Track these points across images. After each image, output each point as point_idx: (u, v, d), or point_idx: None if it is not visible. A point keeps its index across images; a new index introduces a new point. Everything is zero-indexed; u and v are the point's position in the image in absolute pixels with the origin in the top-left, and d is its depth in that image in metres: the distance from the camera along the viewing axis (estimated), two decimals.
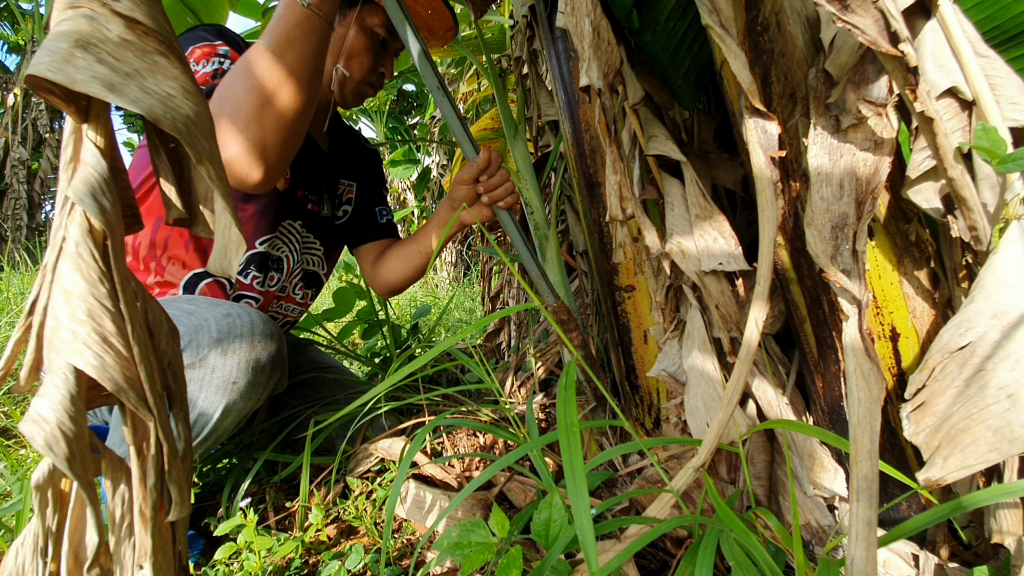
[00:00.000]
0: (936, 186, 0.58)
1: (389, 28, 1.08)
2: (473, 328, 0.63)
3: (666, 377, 0.85)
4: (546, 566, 0.53)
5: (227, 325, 0.88)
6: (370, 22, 1.06)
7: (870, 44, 0.52)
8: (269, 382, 0.93)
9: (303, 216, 1.19)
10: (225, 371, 0.85)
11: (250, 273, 1.12)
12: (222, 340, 0.86)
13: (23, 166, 7.59)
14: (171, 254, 1.07)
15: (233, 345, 0.87)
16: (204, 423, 0.86)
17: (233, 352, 0.86)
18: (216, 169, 0.41)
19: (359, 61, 1.08)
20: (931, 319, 0.65)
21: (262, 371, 0.90)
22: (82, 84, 0.34)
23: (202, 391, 0.85)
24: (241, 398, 0.87)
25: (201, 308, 0.91)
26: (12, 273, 3.29)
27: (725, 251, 0.75)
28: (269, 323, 0.94)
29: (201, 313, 0.90)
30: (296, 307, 1.26)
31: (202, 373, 0.85)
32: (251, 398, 0.90)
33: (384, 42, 1.10)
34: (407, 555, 0.87)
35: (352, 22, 1.05)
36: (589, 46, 0.79)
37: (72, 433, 0.33)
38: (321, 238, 1.26)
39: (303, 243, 1.21)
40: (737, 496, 0.71)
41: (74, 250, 0.37)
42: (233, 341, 0.87)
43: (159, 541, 0.40)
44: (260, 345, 0.89)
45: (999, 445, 0.49)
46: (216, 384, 0.85)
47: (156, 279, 1.06)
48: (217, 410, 0.85)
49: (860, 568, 0.45)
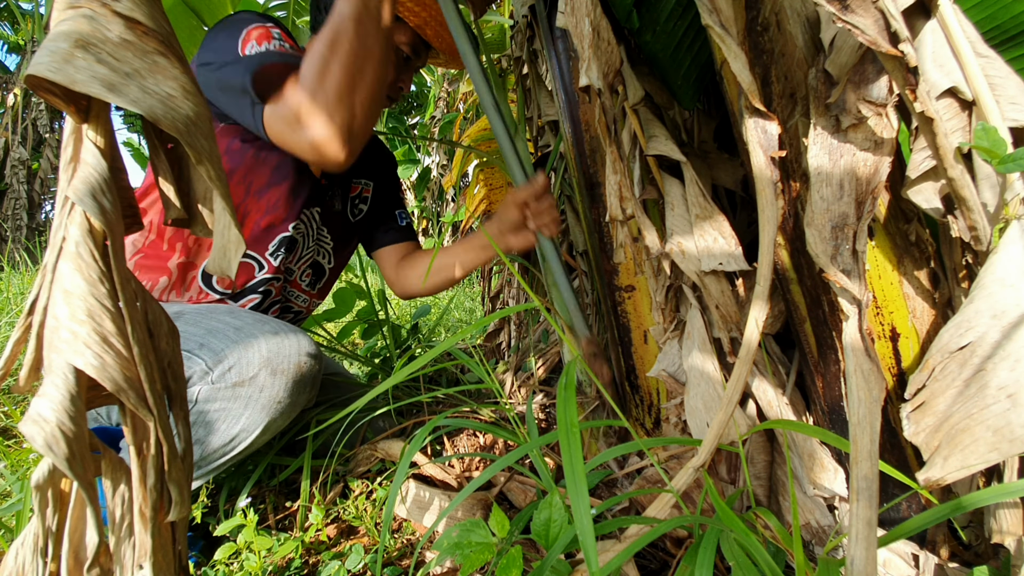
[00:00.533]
0: (936, 186, 0.58)
1: (414, 47, 1.12)
2: (473, 328, 0.63)
3: (666, 377, 0.85)
4: (546, 566, 0.53)
5: (276, 345, 0.90)
6: (398, 39, 1.09)
7: (870, 44, 0.52)
8: (308, 400, 0.96)
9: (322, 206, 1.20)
10: (273, 391, 0.88)
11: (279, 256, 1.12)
12: (271, 360, 0.88)
13: (23, 166, 7.59)
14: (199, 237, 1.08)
15: (282, 366, 0.89)
16: (243, 438, 0.88)
17: (282, 373, 0.89)
18: (215, 169, 0.41)
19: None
20: (931, 319, 0.65)
21: (303, 390, 0.92)
22: (82, 84, 0.34)
23: (248, 408, 0.87)
24: (281, 416, 0.90)
25: (248, 324, 0.93)
26: (12, 273, 3.29)
27: (725, 251, 0.75)
28: (312, 343, 0.96)
29: (249, 330, 0.92)
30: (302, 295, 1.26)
31: (250, 391, 0.87)
32: (290, 416, 0.92)
33: (407, 59, 1.14)
34: (407, 555, 0.87)
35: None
36: (589, 46, 0.79)
37: (72, 433, 0.33)
38: (333, 232, 1.26)
39: (317, 233, 1.22)
40: (737, 496, 0.71)
41: (74, 250, 0.37)
42: (282, 362, 0.89)
43: (159, 541, 0.40)
44: (306, 366, 0.92)
45: (999, 445, 0.49)
46: (263, 403, 0.87)
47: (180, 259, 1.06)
48: (260, 427, 0.88)
49: (860, 568, 0.45)
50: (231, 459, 0.89)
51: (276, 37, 0.94)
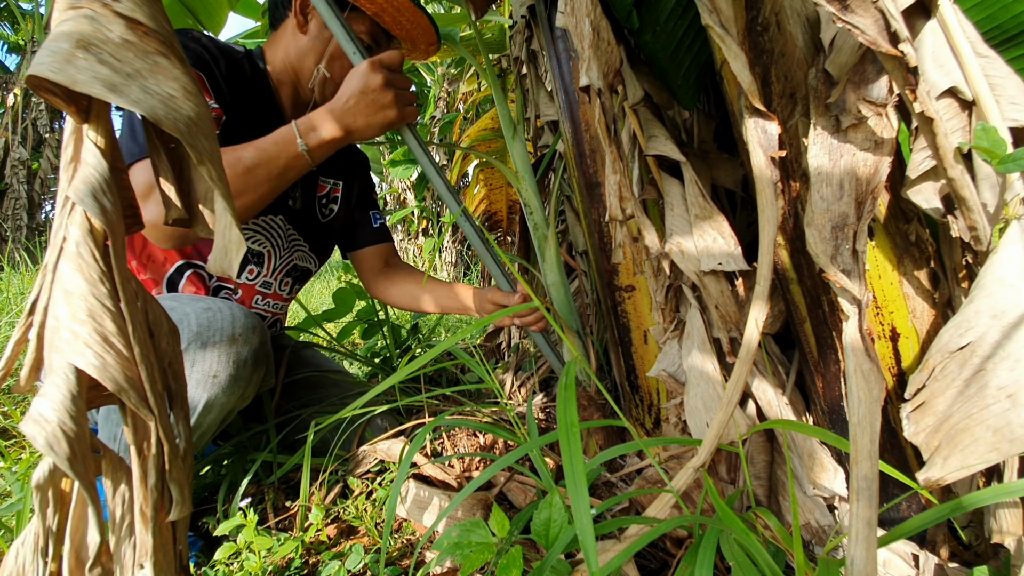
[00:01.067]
0: (936, 186, 0.58)
1: (374, 35, 1.10)
2: (473, 328, 0.63)
3: (666, 377, 0.85)
4: (546, 566, 0.53)
5: (207, 319, 0.88)
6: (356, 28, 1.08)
7: (870, 44, 0.52)
8: (253, 377, 0.93)
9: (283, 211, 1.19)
10: (205, 365, 0.85)
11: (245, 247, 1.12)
12: (202, 334, 0.86)
13: (23, 166, 7.59)
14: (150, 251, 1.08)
15: (213, 339, 0.86)
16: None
17: (213, 346, 0.86)
18: (217, 170, 0.41)
19: (340, 64, 1.10)
20: (931, 319, 0.65)
21: (244, 365, 0.90)
22: (83, 85, 0.34)
23: None
24: (223, 392, 0.87)
25: (182, 304, 0.92)
26: (12, 273, 3.29)
27: (724, 251, 0.75)
28: (251, 317, 0.93)
29: (181, 308, 0.90)
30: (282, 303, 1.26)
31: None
32: (234, 393, 0.89)
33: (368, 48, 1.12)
34: (407, 555, 0.87)
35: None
36: (589, 46, 0.79)
37: (73, 433, 0.33)
38: (305, 235, 1.26)
39: (288, 239, 1.21)
40: (737, 496, 0.71)
41: (75, 250, 0.37)
42: (213, 335, 0.87)
43: (160, 540, 0.40)
44: (241, 339, 0.89)
45: (999, 445, 0.49)
46: (196, 378, 0.85)
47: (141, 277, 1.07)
48: (199, 404, 0.85)
49: (860, 568, 0.45)
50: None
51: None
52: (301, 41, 1.10)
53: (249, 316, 0.93)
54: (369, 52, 1.14)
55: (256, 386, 0.96)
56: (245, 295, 1.16)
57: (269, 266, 1.18)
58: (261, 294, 1.19)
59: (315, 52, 1.09)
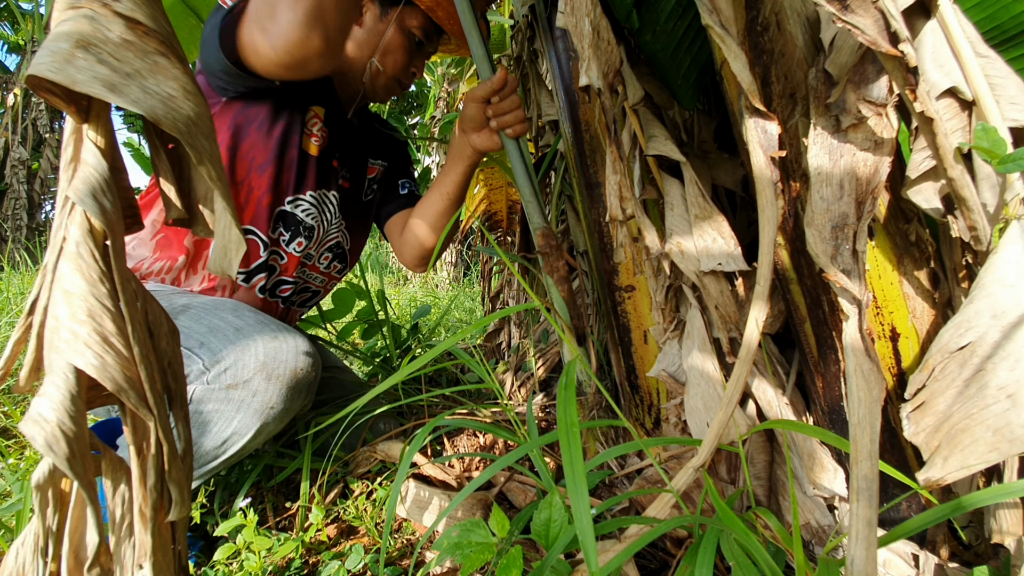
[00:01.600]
0: (936, 186, 0.58)
1: (426, 31, 1.11)
2: (473, 328, 0.63)
3: (666, 377, 0.85)
4: (546, 566, 0.53)
5: (274, 349, 0.90)
6: (409, 23, 1.09)
7: (870, 44, 0.52)
8: (302, 405, 0.95)
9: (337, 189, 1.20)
10: (266, 396, 0.87)
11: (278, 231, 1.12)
12: (268, 364, 0.88)
13: (23, 166, 7.59)
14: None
15: (278, 371, 0.88)
16: (235, 441, 0.87)
17: (277, 379, 0.88)
18: (216, 169, 0.41)
19: (394, 58, 1.11)
20: (931, 319, 0.65)
21: (297, 397, 0.92)
22: (83, 84, 0.34)
23: (240, 412, 0.86)
24: (274, 421, 0.89)
25: (249, 325, 0.93)
26: (12, 273, 3.29)
27: (724, 251, 0.75)
28: (311, 349, 0.95)
29: (249, 332, 0.91)
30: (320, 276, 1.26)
31: (243, 395, 0.86)
32: (283, 421, 0.92)
33: (420, 44, 1.14)
34: (407, 555, 0.87)
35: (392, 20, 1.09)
36: (589, 46, 0.79)
37: (72, 433, 0.33)
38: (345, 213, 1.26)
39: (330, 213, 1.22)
40: (737, 496, 0.71)
41: (74, 250, 0.37)
42: (278, 367, 0.89)
43: (159, 541, 0.40)
44: (302, 372, 0.91)
45: (999, 445, 0.49)
46: (255, 408, 0.87)
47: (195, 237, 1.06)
48: (251, 431, 0.87)
49: (860, 568, 0.45)
50: (223, 462, 0.89)
51: None
52: (355, 33, 1.10)
53: (311, 348, 0.95)
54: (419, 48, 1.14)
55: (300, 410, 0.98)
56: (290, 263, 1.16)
57: (316, 239, 1.18)
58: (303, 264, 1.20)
59: (369, 45, 1.10)
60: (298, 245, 1.15)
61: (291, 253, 1.15)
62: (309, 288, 1.27)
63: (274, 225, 1.11)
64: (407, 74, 1.17)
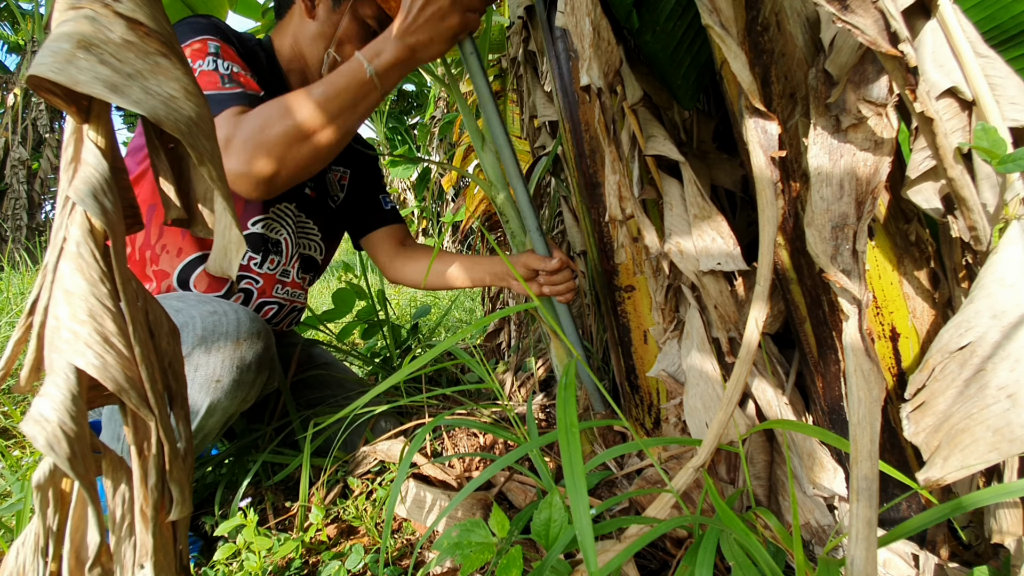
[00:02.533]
0: (936, 186, 0.58)
1: (380, 20, 1.11)
2: (473, 328, 0.63)
3: (666, 377, 0.85)
4: (546, 566, 0.53)
5: (212, 323, 0.88)
6: (363, 12, 1.09)
7: (870, 44, 0.52)
8: (256, 381, 0.93)
9: (297, 199, 1.19)
10: (208, 369, 0.85)
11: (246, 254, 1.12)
12: (207, 338, 0.86)
13: (23, 166, 7.59)
14: (165, 241, 1.07)
15: (218, 343, 0.86)
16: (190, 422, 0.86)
17: (217, 350, 0.86)
18: (217, 170, 0.41)
19: (350, 48, 1.11)
20: (931, 319, 0.65)
21: (248, 369, 0.89)
22: (85, 85, 0.34)
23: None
24: (226, 396, 0.87)
25: (189, 305, 0.91)
26: (12, 273, 3.29)
27: (723, 251, 0.75)
28: (257, 321, 0.93)
29: (188, 311, 0.89)
30: (301, 292, 1.26)
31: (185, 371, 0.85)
32: (236, 397, 0.89)
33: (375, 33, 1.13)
34: (407, 555, 0.87)
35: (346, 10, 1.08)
36: (589, 46, 0.79)
37: (73, 433, 0.33)
38: (319, 223, 1.26)
39: (298, 225, 1.21)
40: (737, 496, 0.71)
41: (75, 250, 0.37)
42: (218, 339, 0.86)
43: (160, 541, 0.40)
44: (246, 343, 0.89)
45: (999, 445, 0.49)
46: (199, 382, 0.85)
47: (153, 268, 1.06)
48: (201, 408, 0.85)
49: (860, 568, 0.45)
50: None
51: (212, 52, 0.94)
52: (310, 27, 1.10)
53: (255, 320, 0.93)
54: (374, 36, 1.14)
55: (259, 390, 0.96)
56: (267, 284, 1.16)
57: (287, 254, 1.18)
58: (281, 283, 1.19)
59: (324, 37, 1.10)
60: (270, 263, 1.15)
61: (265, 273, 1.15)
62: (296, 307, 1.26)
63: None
64: None
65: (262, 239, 1.12)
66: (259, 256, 1.13)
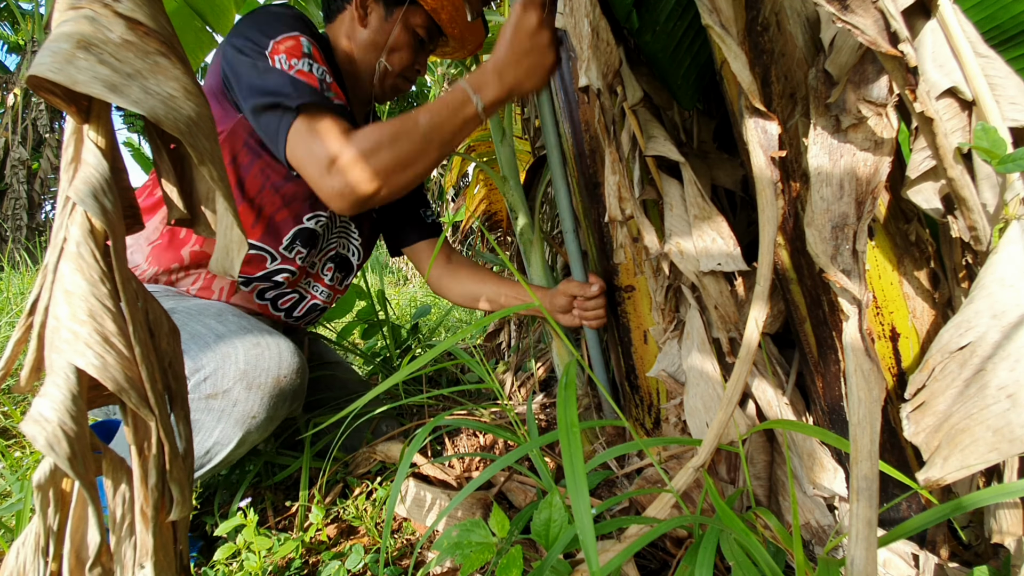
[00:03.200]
0: (936, 186, 0.58)
1: (429, 29, 1.13)
2: (473, 328, 0.63)
3: (666, 377, 0.85)
4: (546, 566, 0.53)
5: (255, 357, 0.88)
6: (413, 21, 1.10)
7: (870, 44, 0.52)
8: (289, 412, 0.94)
9: None
10: (247, 406, 0.86)
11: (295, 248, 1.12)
12: (248, 373, 0.86)
13: (23, 166, 7.59)
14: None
15: (259, 380, 0.87)
16: (218, 451, 0.86)
17: (258, 388, 0.87)
18: (218, 170, 0.41)
19: (399, 56, 1.13)
20: (931, 319, 0.65)
21: (282, 404, 0.91)
22: (84, 85, 0.34)
23: (220, 422, 0.85)
24: (257, 430, 0.88)
25: (231, 331, 0.91)
26: (12, 273, 3.29)
27: (723, 251, 0.75)
28: (297, 355, 0.94)
29: (231, 339, 0.89)
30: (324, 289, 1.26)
31: (223, 405, 0.85)
32: (267, 429, 0.91)
33: (422, 41, 1.15)
34: (407, 555, 0.87)
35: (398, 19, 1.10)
36: (588, 47, 0.79)
37: (74, 433, 0.33)
38: (360, 227, 1.27)
39: (340, 225, 1.22)
40: (737, 496, 0.71)
41: (75, 250, 0.37)
42: (259, 375, 0.87)
43: (160, 540, 0.40)
44: (287, 381, 0.90)
45: (999, 445, 0.49)
46: (236, 417, 0.85)
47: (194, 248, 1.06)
48: (233, 441, 0.86)
49: (860, 568, 0.45)
50: (209, 471, 0.88)
51: (306, 53, 0.94)
52: (361, 34, 1.11)
53: (295, 354, 0.93)
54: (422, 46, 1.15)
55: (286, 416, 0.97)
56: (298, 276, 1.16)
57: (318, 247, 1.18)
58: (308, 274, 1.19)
59: (376, 45, 1.11)
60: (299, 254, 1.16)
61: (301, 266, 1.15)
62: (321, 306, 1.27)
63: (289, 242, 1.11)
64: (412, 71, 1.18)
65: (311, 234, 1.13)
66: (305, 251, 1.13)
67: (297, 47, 0.94)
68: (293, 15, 1.00)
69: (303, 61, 0.93)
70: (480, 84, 0.90)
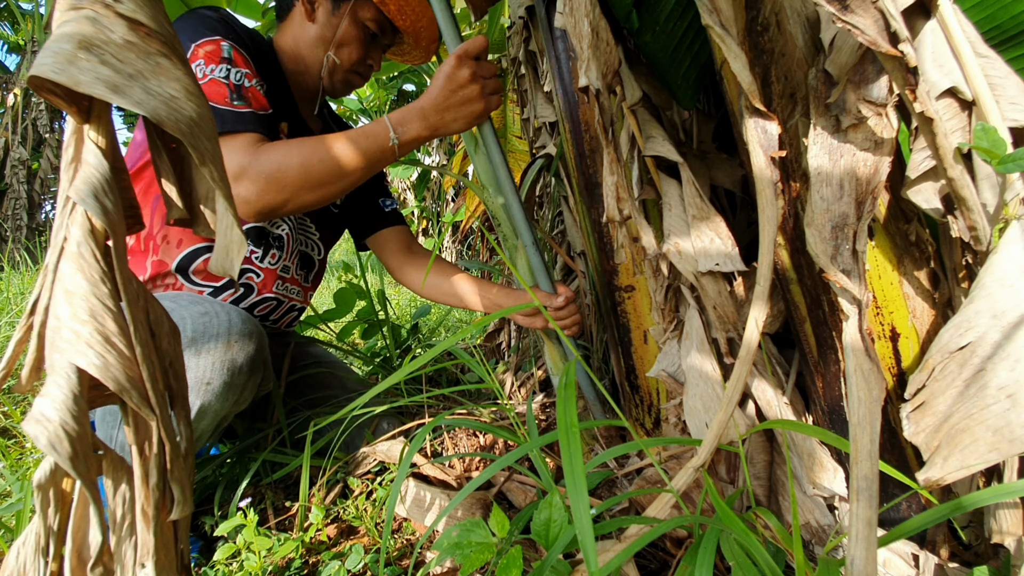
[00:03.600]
0: (936, 186, 0.58)
1: (380, 23, 1.12)
2: (473, 328, 0.63)
3: (665, 377, 0.85)
4: (546, 566, 0.53)
5: (203, 324, 0.87)
6: (362, 15, 1.10)
7: (870, 44, 0.52)
8: (248, 383, 0.92)
9: None
10: (198, 371, 0.85)
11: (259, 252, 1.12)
12: (197, 339, 0.85)
13: (23, 166, 7.58)
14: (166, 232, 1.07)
15: (208, 345, 0.86)
16: None
17: (207, 352, 0.85)
18: (219, 170, 0.41)
19: (348, 51, 1.12)
20: (931, 319, 0.65)
21: (239, 372, 0.89)
22: (86, 85, 0.34)
23: None
24: (217, 399, 0.87)
25: (180, 306, 0.91)
26: (12, 273, 3.29)
27: (722, 251, 0.75)
28: (249, 322, 0.93)
29: (178, 312, 0.89)
30: (300, 290, 1.26)
31: None
32: (228, 399, 0.89)
33: (374, 36, 1.14)
34: (407, 555, 0.87)
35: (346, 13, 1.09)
36: (588, 47, 0.79)
37: (75, 432, 0.33)
38: (317, 222, 1.27)
39: (298, 223, 1.22)
40: (737, 496, 0.71)
41: (76, 250, 0.37)
42: (208, 341, 0.86)
43: (161, 540, 0.40)
44: (237, 345, 0.89)
45: (999, 445, 0.49)
46: (190, 384, 0.84)
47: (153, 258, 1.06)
48: (192, 411, 0.84)
49: (860, 568, 0.45)
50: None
51: (225, 58, 0.94)
52: (310, 30, 1.11)
53: (247, 321, 0.93)
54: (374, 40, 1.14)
55: (252, 391, 0.95)
56: (267, 279, 1.16)
57: (287, 249, 1.18)
58: (281, 278, 1.19)
59: (324, 40, 1.11)
60: (272, 257, 1.15)
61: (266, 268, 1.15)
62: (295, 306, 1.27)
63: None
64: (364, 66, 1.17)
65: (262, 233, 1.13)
66: (260, 251, 1.13)
67: (216, 52, 0.94)
68: (219, 18, 1.00)
69: (220, 67, 0.93)
70: (402, 122, 0.91)
